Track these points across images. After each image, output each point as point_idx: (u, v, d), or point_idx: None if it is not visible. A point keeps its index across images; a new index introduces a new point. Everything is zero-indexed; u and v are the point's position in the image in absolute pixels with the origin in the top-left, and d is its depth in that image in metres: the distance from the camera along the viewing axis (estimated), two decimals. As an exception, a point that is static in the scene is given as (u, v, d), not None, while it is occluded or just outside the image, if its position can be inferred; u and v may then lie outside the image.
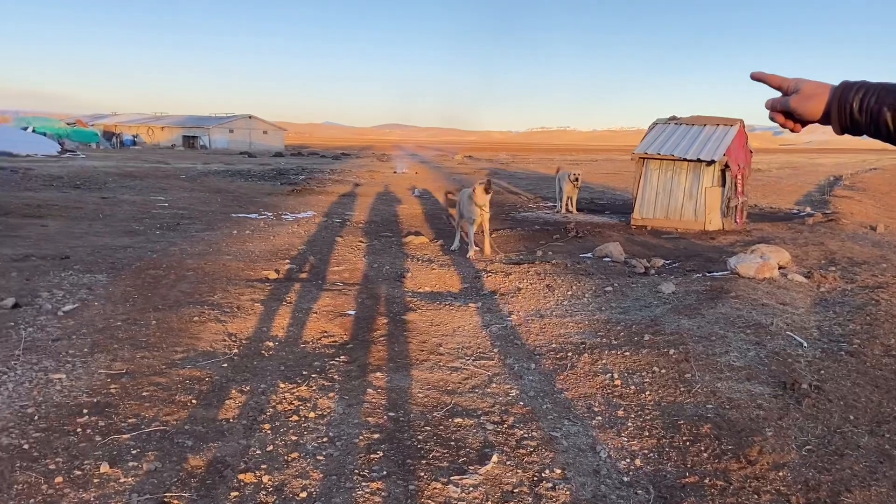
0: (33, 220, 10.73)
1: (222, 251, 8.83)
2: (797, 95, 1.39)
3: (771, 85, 1.45)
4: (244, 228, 11.03)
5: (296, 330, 5.57)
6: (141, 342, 4.99)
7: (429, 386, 4.46)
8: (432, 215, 13.94)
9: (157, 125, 68.49)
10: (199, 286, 6.80)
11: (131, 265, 7.57)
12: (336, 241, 10.03)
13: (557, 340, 5.52)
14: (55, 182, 17.72)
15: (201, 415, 3.79)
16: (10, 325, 5.18)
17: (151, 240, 9.46)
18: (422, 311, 6.28)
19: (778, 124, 1.46)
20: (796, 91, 1.40)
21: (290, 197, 17.04)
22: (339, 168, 31.32)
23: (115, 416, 3.69)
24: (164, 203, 14.42)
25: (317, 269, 7.99)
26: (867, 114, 1.31)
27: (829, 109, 1.36)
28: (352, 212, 14.14)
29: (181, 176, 22.71)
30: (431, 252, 9.47)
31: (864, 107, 1.31)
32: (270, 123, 70.22)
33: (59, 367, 4.37)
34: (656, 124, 13.08)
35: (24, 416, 3.61)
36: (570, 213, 14.53)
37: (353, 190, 19.61)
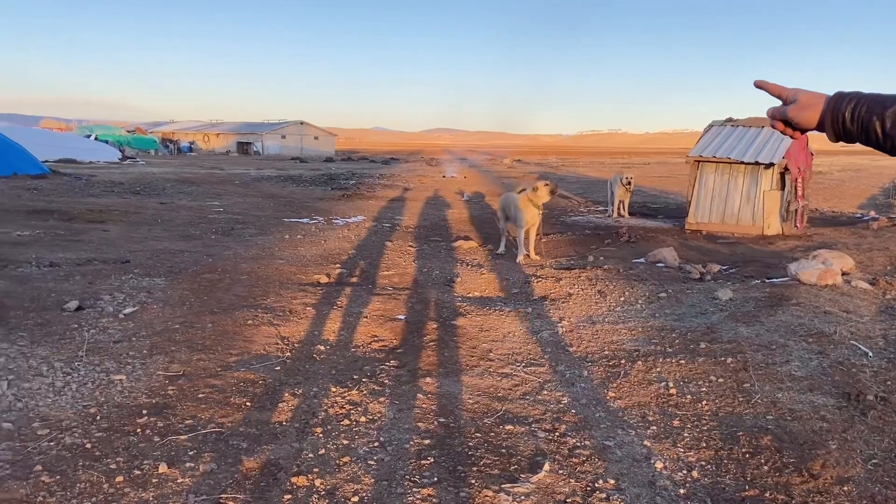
0: (96, 225, 11.12)
1: (275, 255, 8.99)
2: (795, 105, 1.49)
3: (771, 93, 1.54)
4: (296, 233, 11.20)
5: (346, 334, 5.61)
6: (197, 345, 5.10)
7: (479, 392, 4.43)
8: (481, 220, 13.91)
9: (213, 132, 70.33)
10: (253, 290, 6.92)
11: (188, 269, 7.77)
12: (386, 246, 10.10)
13: (610, 347, 5.42)
14: (116, 188, 18.35)
15: (255, 417, 3.85)
16: (74, 326, 5.36)
17: (207, 244, 9.69)
18: (471, 317, 6.25)
19: (778, 131, 1.55)
20: (794, 101, 1.49)
21: (341, 202, 17.26)
22: (389, 173, 31.59)
23: (173, 418, 3.77)
24: (220, 208, 14.77)
25: (367, 274, 8.05)
26: (858, 123, 1.40)
27: (823, 119, 1.46)
28: (401, 216, 14.23)
29: (235, 181, 23.26)
30: (481, 257, 9.44)
31: (855, 116, 1.40)
32: (321, 129, 71.34)
33: (120, 369, 4.50)
34: (712, 126, 12.78)
35: (87, 416, 3.72)
36: (622, 217, 14.31)
37: (403, 194, 19.74)
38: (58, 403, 3.88)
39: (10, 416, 3.65)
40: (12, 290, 6.38)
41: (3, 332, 5.16)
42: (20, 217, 11.62)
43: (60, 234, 10.02)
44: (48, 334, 5.14)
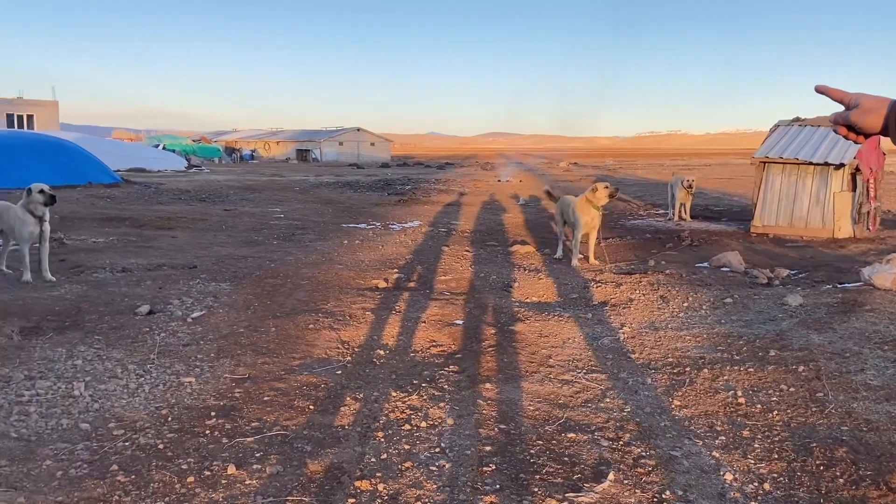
0: (164, 232, 11.52)
1: (334, 260, 9.13)
2: (857, 110, 1.49)
3: (833, 98, 1.55)
4: (354, 238, 11.35)
5: (405, 339, 5.65)
6: (262, 348, 5.22)
7: (539, 398, 4.39)
8: (538, 224, 13.82)
9: (273, 140, 72.03)
10: (314, 294, 7.04)
11: (252, 274, 7.96)
12: (442, 251, 10.13)
13: (674, 354, 5.30)
14: (183, 196, 18.98)
15: (318, 420, 3.91)
16: (146, 330, 5.57)
17: (269, 249, 9.91)
18: (530, 322, 6.21)
19: (841, 136, 1.56)
20: (856, 105, 1.50)
21: (397, 207, 17.42)
22: (444, 178, 31.72)
23: (240, 420, 3.86)
24: (280, 214, 15.11)
25: (424, 279, 8.09)
26: None
27: (887, 123, 1.46)
28: (457, 221, 14.26)
29: (295, 188, 23.75)
30: (538, 261, 9.37)
31: None
32: (377, 135, 72.21)
33: (189, 371, 4.64)
34: (778, 126, 12.37)
35: (159, 418, 3.85)
36: (684, 220, 13.98)
37: (458, 199, 19.79)
38: (132, 405, 4.03)
39: (87, 417, 3.81)
40: (88, 294, 6.67)
41: (80, 335, 5.40)
42: (95, 224, 12.14)
43: (132, 240, 10.42)
44: (122, 337, 5.35)
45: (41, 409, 3.88)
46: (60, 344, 5.12)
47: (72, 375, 4.43)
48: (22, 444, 3.44)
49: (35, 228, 7.14)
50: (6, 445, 3.41)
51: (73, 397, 4.07)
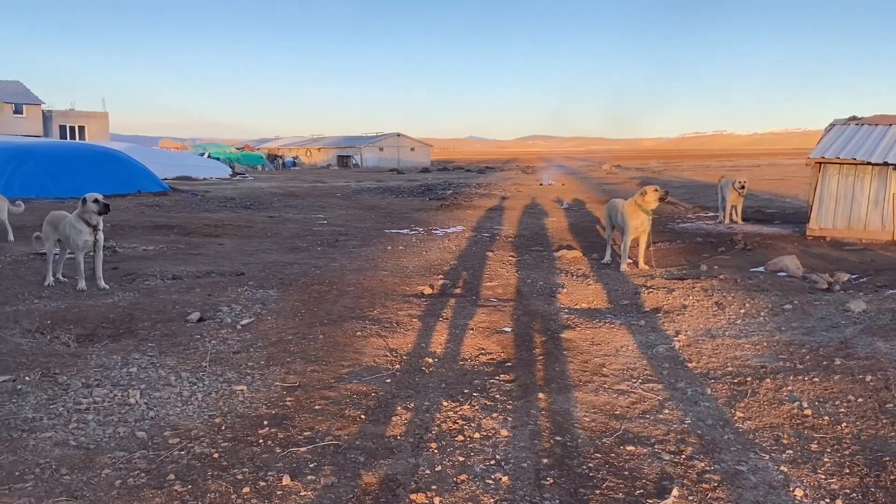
0: (212, 239, 11.69)
1: (379, 267, 9.12)
2: None
3: None
4: (398, 244, 11.34)
5: (453, 346, 5.58)
6: (311, 356, 5.21)
7: (595, 409, 4.27)
8: (583, 228, 13.62)
9: (314, 146, 72.89)
10: (360, 301, 7.03)
11: (298, 281, 8.00)
12: (487, 256, 10.05)
13: (733, 363, 5.11)
14: (228, 203, 19.29)
15: (370, 430, 3.86)
16: (197, 337, 5.61)
17: (314, 256, 9.97)
18: (580, 329, 6.08)
19: None
20: None
21: (439, 212, 17.38)
22: (485, 182, 31.60)
23: (292, 429, 3.84)
24: (324, 220, 15.21)
25: (470, 285, 8.02)
26: None
27: None
28: (500, 226, 14.15)
29: (337, 194, 23.93)
30: (585, 266, 9.21)
31: None
32: (417, 140, 72.46)
33: (241, 379, 4.65)
34: (834, 125, 11.96)
35: (213, 426, 3.85)
36: (735, 223, 13.62)
37: (500, 203, 19.67)
38: (185, 413, 4.04)
39: (143, 425, 3.83)
40: (141, 302, 6.77)
41: (133, 342, 5.47)
42: (145, 232, 12.40)
43: (181, 248, 10.60)
44: (174, 345, 5.40)
45: (99, 417, 3.92)
46: (115, 351, 5.19)
47: (127, 383, 4.48)
48: (81, 452, 3.47)
49: (90, 237, 7.29)
50: (66, 454, 3.44)
51: (128, 405, 4.11)
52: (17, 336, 5.53)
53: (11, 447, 3.48)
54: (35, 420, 3.84)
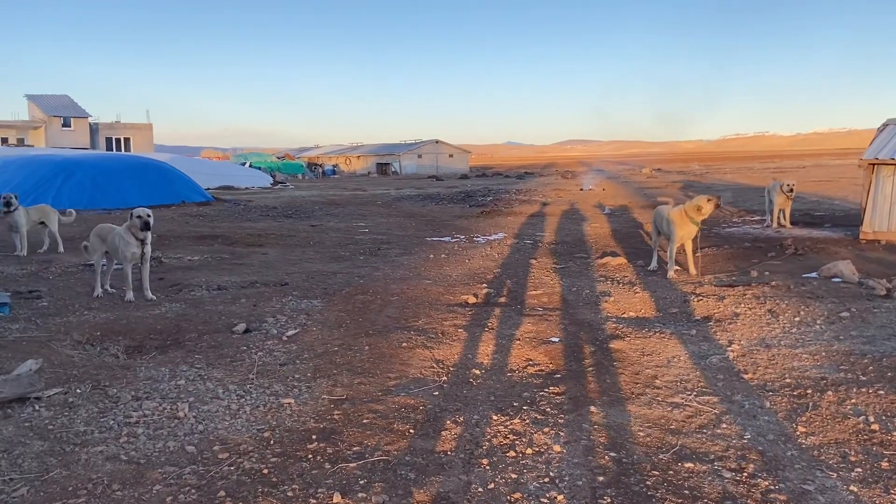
0: (255, 249, 11.80)
1: (422, 275, 9.07)
2: None
3: None
4: (439, 252, 11.29)
5: (501, 357, 5.48)
6: (357, 368, 5.17)
7: (649, 423, 4.13)
8: (626, 234, 13.38)
9: (354, 154, 73.58)
10: (404, 311, 6.98)
11: (341, 290, 8.00)
12: (530, 264, 9.92)
13: (791, 375, 4.91)
14: (270, 212, 19.51)
15: (420, 445, 3.79)
16: (244, 349, 5.63)
17: (357, 265, 9.97)
18: (630, 339, 5.92)
19: None
20: None
21: (480, 219, 17.30)
22: (524, 188, 31.43)
23: (341, 444, 3.79)
24: (365, 229, 15.26)
25: (514, 293, 7.91)
26: None
27: None
28: (542, 232, 14.00)
29: (377, 202, 24.04)
30: (631, 273, 9.02)
31: None
32: (455, 147, 72.59)
33: (288, 392, 4.63)
34: (888, 125, 11.52)
35: (262, 441, 3.83)
36: (783, 227, 13.23)
37: (541, 209, 19.49)
38: (234, 426, 4.03)
39: (192, 439, 3.83)
40: (187, 312, 6.84)
41: (181, 354, 5.51)
42: (189, 243, 12.59)
43: (225, 257, 10.71)
44: (221, 357, 5.42)
45: (149, 431, 3.93)
46: (163, 363, 5.23)
47: (176, 396, 4.50)
48: (132, 466, 3.48)
49: (137, 250, 7.40)
50: (117, 468, 3.45)
51: (178, 418, 4.12)
52: (67, 348, 5.62)
53: (64, 461, 3.51)
54: (87, 434, 3.87)
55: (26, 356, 5.21)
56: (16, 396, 4.26)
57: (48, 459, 3.52)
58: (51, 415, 4.13)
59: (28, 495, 3.15)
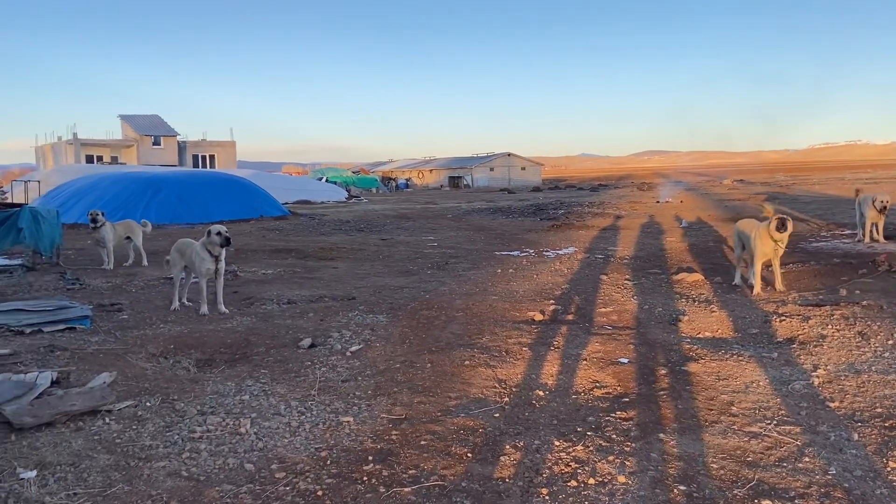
0: (326, 263, 11.99)
1: (488, 291, 8.96)
2: None
3: None
4: (507, 267, 11.15)
5: (566, 378, 5.30)
6: (417, 386, 5.10)
7: (723, 454, 3.87)
8: (705, 249, 12.87)
9: (426, 168, 74.30)
10: (468, 327, 6.89)
11: (407, 306, 7.98)
12: (601, 280, 9.64)
13: (883, 404, 4.52)
14: (343, 226, 19.86)
15: (477, 471, 3.67)
16: (308, 364, 5.66)
17: (424, 279, 9.96)
18: (705, 362, 5.62)
19: None
20: None
21: (550, 233, 17.05)
22: (598, 200, 30.88)
23: (397, 466, 3.72)
24: (434, 242, 15.28)
25: (583, 311, 7.68)
26: None
27: None
28: (615, 247, 13.64)
29: (448, 215, 24.10)
30: (708, 291, 8.62)
31: None
32: (527, 159, 72.22)
33: (348, 409, 4.60)
34: None
35: (319, 460, 3.80)
36: (877, 241, 12.40)
37: (614, 223, 19.05)
38: (293, 444, 4.03)
39: (251, 457, 3.84)
40: (257, 326, 6.96)
41: (248, 368, 5.59)
42: (264, 256, 12.92)
43: (297, 271, 10.92)
44: (285, 371, 5.47)
45: (210, 447, 3.97)
46: (230, 378, 5.32)
47: (239, 411, 4.54)
48: (191, 483, 3.51)
49: (211, 265, 7.61)
50: (178, 485, 3.49)
51: (239, 434, 4.15)
52: (142, 360, 5.80)
53: (128, 476, 3.57)
54: (151, 448, 3.95)
55: (102, 368, 5.40)
56: (88, 409, 4.41)
57: (112, 474, 3.60)
58: (119, 428, 4.24)
59: (90, 509, 3.22)
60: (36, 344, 6.16)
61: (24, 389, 4.67)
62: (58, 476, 3.55)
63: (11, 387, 4.71)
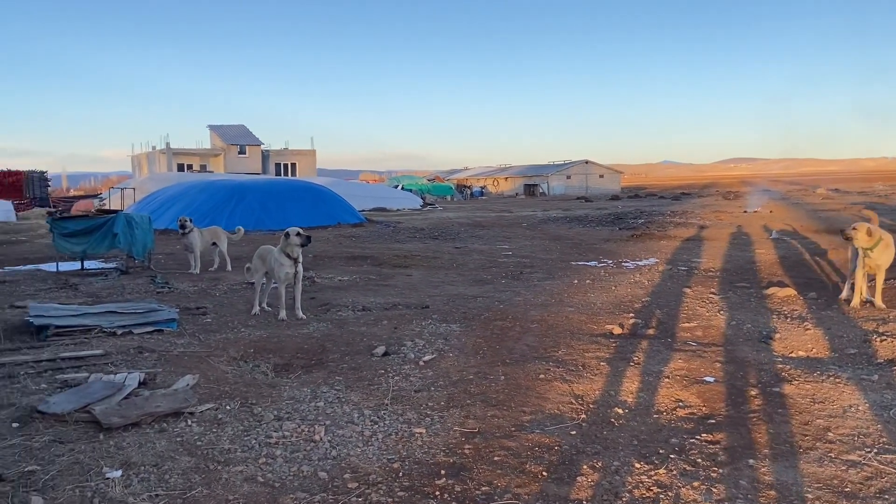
0: (401, 270, 12.06)
1: (564, 302, 8.77)
2: None
3: None
4: (584, 277, 10.91)
5: (646, 396, 5.09)
6: (491, 399, 5.00)
7: (819, 483, 3.60)
8: (797, 262, 12.22)
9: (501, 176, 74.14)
10: (544, 340, 6.74)
11: (481, 315, 7.90)
12: (684, 293, 9.28)
13: None
14: (418, 234, 19.98)
15: (553, 491, 3.54)
16: (381, 372, 5.66)
17: (498, 289, 9.85)
18: (798, 383, 5.28)
19: None
20: None
21: (630, 242, 16.62)
22: (680, 209, 29.95)
23: (470, 482, 3.64)
24: (508, 252, 15.15)
25: (664, 325, 7.39)
26: None
27: None
28: (699, 258, 13.13)
29: (523, 224, 23.91)
30: (800, 307, 8.15)
31: None
32: (606, 167, 70.98)
33: (420, 421, 4.56)
34: None
35: (391, 472, 3.76)
36: None
37: (698, 233, 18.39)
38: (366, 454, 4.01)
39: (325, 465, 3.85)
40: (332, 333, 7.04)
41: (323, 374, 5.64)
42: (341, 263, 13.13)
43: (372, 278, 11.03)
44: (359, 379, 5.48)
45: (286, 453, 4.00)
46: (307, 383, 5.37)
47: (314, 418, 4.57)
48: (267, 490, 3.54)
49: (290, 270, 7.76)
50: (253, 490, 3.52)
51: (314, 442, 4.16)
52: (223, 364, 5.95)
53: (207, 479, 3.64)
54: (230, 452, 4.01)
55: (186, 371, 5.57)
56: (172, 411, 4.53)
57: (192, 476, 3.67)
58: (200, 430, 4.33)
59: (169, 512, 3.28)
60: (126, 345, 6.42)
61: (114, 390, 4.86)
62: (141, 476, 3.65)
63: (102, 387, 4.91)
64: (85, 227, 12.20)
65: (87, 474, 3.66)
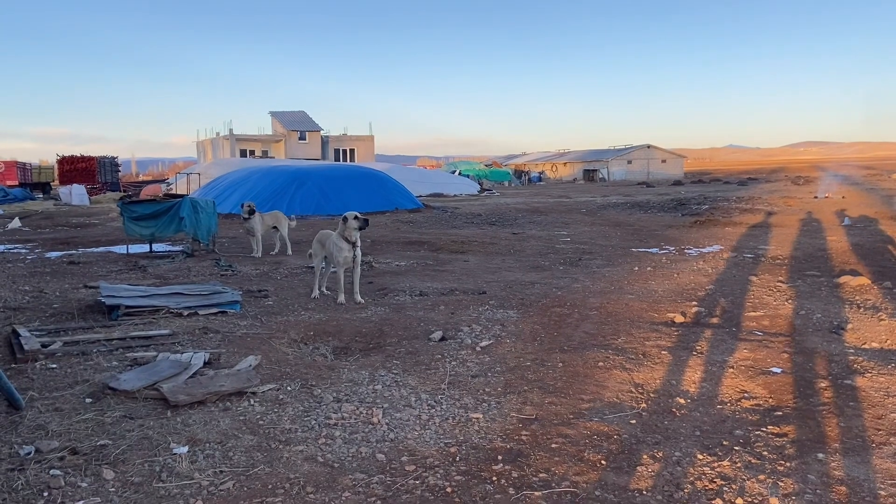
0: (457, 256, 12.07)
1: (624, 289, 8.61)
2: None
3: None
4: (645, 264, 10.68)
5: (709, 386, 4.95)
6: (548, 386, 4.96)
7: (893, 480, 3.44)
8: (871, 249, 11.67)
9: (560, 161, 73.21)
10: (603, 327, 6.63)
11: (538, 302, 7.83)
12: (750, 281, 8.98)
13: None
14: (475, 219, 19.94)
15: (612, 480, 3.49)
16: (438, 357, 5.68)
17: (556, 276, 9.75)
18: (871, 376, 5.05)
19: None
20: None
21: (693, 229, 16.20)
22: (746, 195, 29.00)
23: (527, 468, 3.62)
24: (567, 238, 14.97)
25: (729, 314, 7.17)
26: None
27: None
28: (766, 245, 12.69)
29: (581, 210, 23.58)
30: (875, 296, 7.78)
31: None
32: (668, 151, 69.28)
33: (477, 406, 4.55)
34: None
35: (448, 456, 3.78)
36: None
37: (766, 220, 17.78)
38: (423, 438, 4.03)
39: (383, 447, 3.89)
40: (390, 317, 7.10)
41: (381, 358, 5.70)
42: (398, 248, 13.22)
43: (429, 264, 11.07)
44: (416, 363, 5.51)
45: (345, 434, 4.06)
46: (364, 367, 5.44)
47: (372, 401, 4.63)
48: (326, 469, 3.60)
49: (349, 254, 7.86)
50: (314, 470, 3.59)
51: (372, 424, 4.21)
52: (284, 345, 6.08)
53: (268, 458, 3.73)
54: (291, 432, 4.10)
55: (249, 352, 5.72)
56: (235, 390, 4.66)
57: (255, 454, 3.77)
58: (263, 410, 4.44)
59: (233, 489, 3.37)
60: (192, 326, 6.63)
61: (180, 369, 5.03)
62: (206, 453, 3.77)
63: (169, 365, 5.08)
64: (153, 211, 12.65)
65: (156, 449, 3.80)
